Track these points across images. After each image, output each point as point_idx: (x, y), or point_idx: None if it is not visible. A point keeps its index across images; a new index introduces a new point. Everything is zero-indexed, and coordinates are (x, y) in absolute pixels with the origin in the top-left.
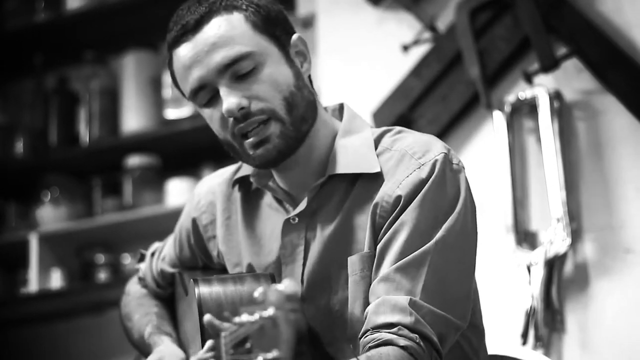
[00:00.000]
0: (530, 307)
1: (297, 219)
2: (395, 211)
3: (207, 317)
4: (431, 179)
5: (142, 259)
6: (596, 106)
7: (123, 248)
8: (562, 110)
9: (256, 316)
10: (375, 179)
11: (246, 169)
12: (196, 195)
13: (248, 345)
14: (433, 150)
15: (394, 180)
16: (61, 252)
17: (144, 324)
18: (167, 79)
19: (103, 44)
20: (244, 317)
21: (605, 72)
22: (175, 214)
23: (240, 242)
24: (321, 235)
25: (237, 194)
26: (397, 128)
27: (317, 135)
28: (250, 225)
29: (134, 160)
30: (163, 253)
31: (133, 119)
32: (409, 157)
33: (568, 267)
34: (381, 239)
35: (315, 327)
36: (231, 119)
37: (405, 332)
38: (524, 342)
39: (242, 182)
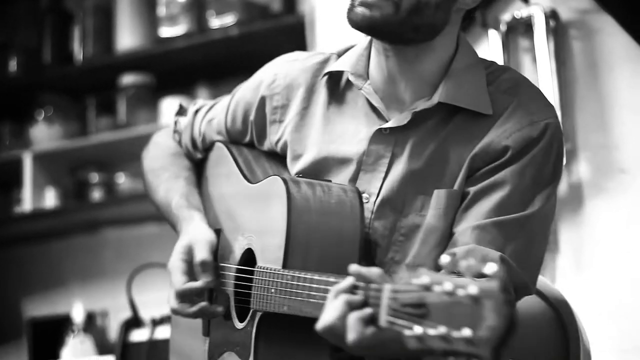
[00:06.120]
0: None
1: (388, 130)
2: (499, 161)
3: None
4: (542, 143)
5: (181, 111)
6: (592, 25)
7: (117, 167)
8: (557, 29)
9: (449, 287)
10: (480, 119)
11: (340, 64)
12: (272, 74)
13: (423, 310)
14: (546, 111)
15: (504, 129)
16: (55, 171)
17: (172, 189)
18: None
19: None
20: (427, 282)
21: None
22: None
23: (311, 134)
24: (410, 155)
25: (322, 86)
26: (511, 70)
27: (431, 56)
28: (332, 120)
29: (128, 79)
30: (211, 115)
31: (127, 37)
32: (522, 109)
33: (562, 187)
34: (477, 183)
35: (373, 242)
36: None
37: None
38: None
39: (331, 76)
